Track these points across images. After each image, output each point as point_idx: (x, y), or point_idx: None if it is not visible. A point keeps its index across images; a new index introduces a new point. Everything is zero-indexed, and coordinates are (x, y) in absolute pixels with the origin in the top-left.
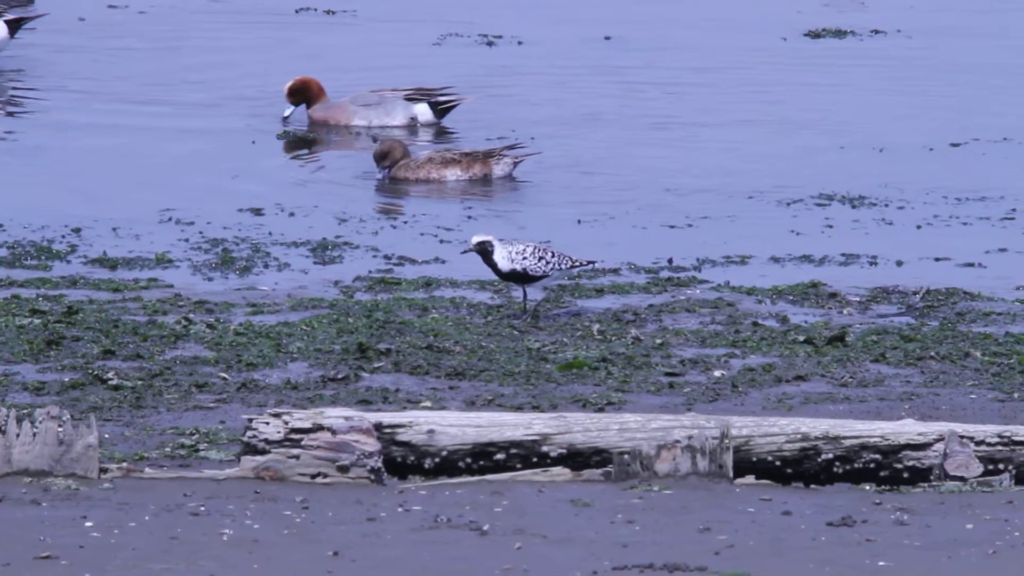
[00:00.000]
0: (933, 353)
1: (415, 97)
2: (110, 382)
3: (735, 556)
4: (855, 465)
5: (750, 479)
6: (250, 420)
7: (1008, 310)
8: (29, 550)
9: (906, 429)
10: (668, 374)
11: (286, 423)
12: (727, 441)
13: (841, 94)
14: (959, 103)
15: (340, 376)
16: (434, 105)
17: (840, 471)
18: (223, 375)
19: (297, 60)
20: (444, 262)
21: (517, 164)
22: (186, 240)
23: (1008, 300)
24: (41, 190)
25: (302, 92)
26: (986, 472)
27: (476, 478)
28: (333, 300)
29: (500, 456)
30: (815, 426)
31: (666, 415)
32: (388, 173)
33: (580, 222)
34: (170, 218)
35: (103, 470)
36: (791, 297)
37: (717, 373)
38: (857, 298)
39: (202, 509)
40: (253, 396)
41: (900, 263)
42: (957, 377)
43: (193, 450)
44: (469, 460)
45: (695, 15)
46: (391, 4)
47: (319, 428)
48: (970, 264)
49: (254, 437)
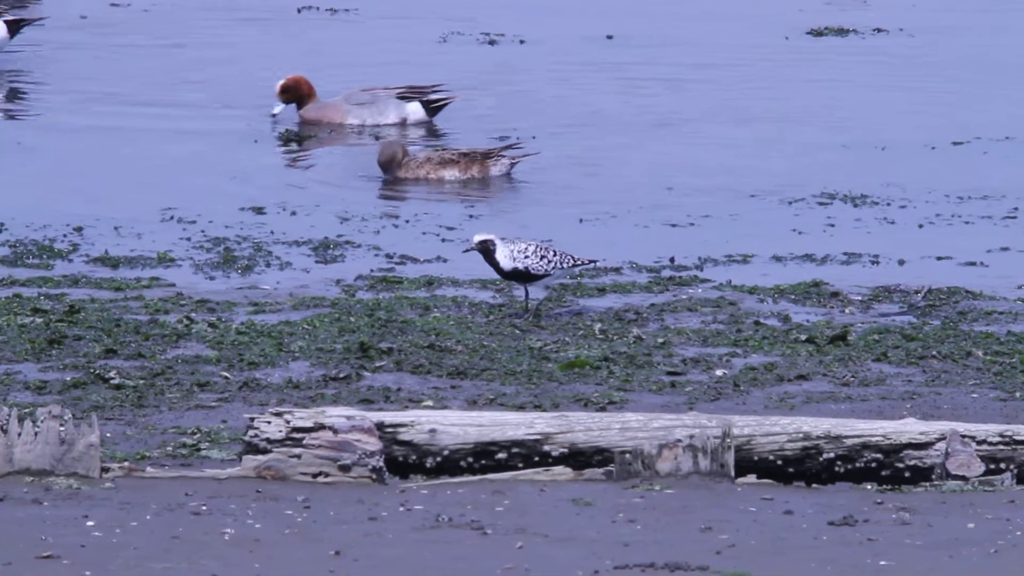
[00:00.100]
0: (935, 352)
1: (407, 95)
2: (112, 381)
3: (737, 555)
4: (857, 464)
5: (752, 478)
6: (252, 419)
7: (1010, 309)
8: (31, 549)
9: (908, 428)
10: (670, 373)
11: (288, 422)
12: (729, 440)
13: (843, 93)
14: (961, 101)
15: (342, 375)
16: (426, 104)
17: (842, 470)
18: (225, 374)
19: (299, 59)
20: (446, 261)
21: (514, 165)
22: (188, 239)
23: (1010, 299)
24: (42, 189)
25: (293, 91)
26: (988, 471)
27: (478, 477)
28: (335, 299)
29: (502, 455)
30: (817, 425)
31: (668, 414)
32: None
33: (582, 221)
34: (172, 217)
35: (105, 469)
36: (793, 296)
37: (719, 372)
38: (859, 297)
39: (204, 508)
40: (255, 395)
41: (902, 262)
42: (959, 376)
43: (195, 449)
44: (471, 459)
45: (697, 14)
46: (393, 3)
47: (321, 427)
48: (972, 263)
49: (256, 436)
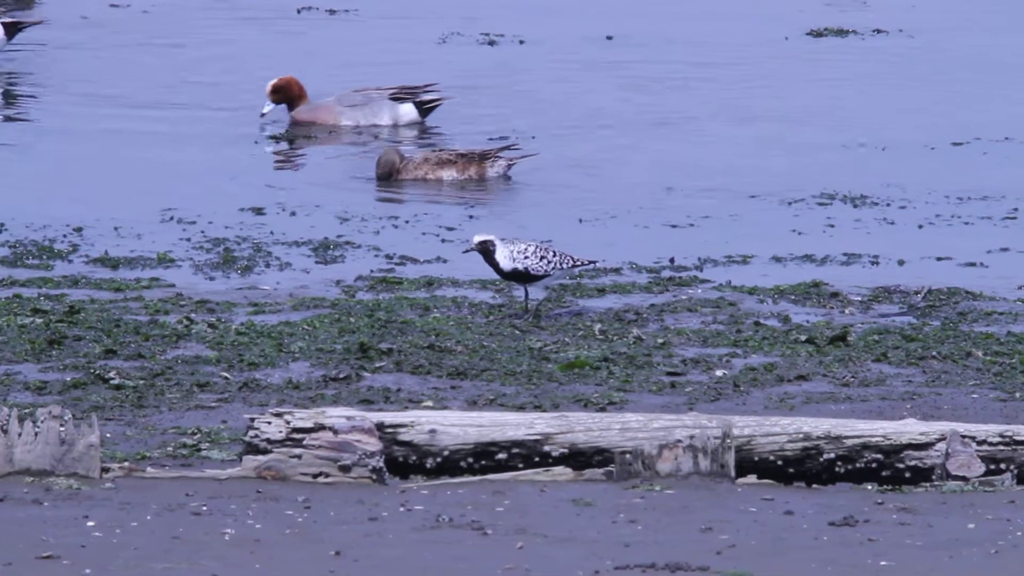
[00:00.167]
0: (935, 353)
1: (400, 96)
2: (112, 381)
3: (737, 556)
4: (857, 465)
5: (752, 479)
6: (252, 420)
7: (1010, 310)
8: (31, 550)
9: (908, 429)
10: (670, 374)
11: (288, 423)
12: (729, 441)
13: (843, 93)
14: (961, 102)
15: (342, 376)
16: (418, 104)
17: (842, 471)
18: (225, 375)
19: (299, 59)
20: (446, 261)
21: (511, 165)
22: (188, 240)
23: (1010, 300)
24: (42, 190)
25: (284, 91)
26: (988, 472)
27: (478, 478)
28: (335, 300)
29: (502, 456)
30: (817, 426)
31: (668, 415)
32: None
33: (581, 221)
34: (171, 217)
35: (105, 470)
36: (793, 297)
37: (719, 373)
38: (859, 297)
39: (204, 509)
40: (255, 396)
41: (902, 262)
42: (959, 377)
43: (195, 450)
44: (471, 460)
45: (697, 15)
46: (393, 3)
47: (321, 428)
48: (972, 264)
49: (256, 437)
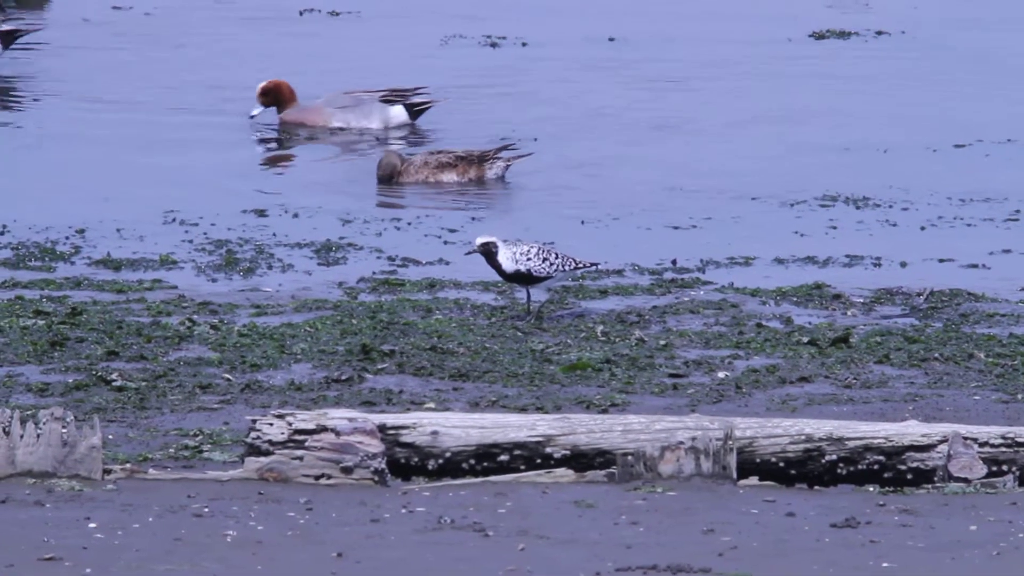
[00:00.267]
0: (937, 354)
1: (390, 99)
2: (114, 383)
3: (739, 557)
4: (859, 466)
5: (754, 480)
6: (254, 421)
7: (1012, 311)
8: (33, 551)
9: (910, 430)
10: (672, 375)
11: (290, 424)
12: (731, 442)
13: (845, 95)
14: (963, 104)
15: (344, 377)
16: (408, 107)
17: (844, 472)
18: (227, 376)
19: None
20: (448, 263)
21: (509, 167)
22: (190, 241)
23: (1012, 301)
24: (44, 191)
25: (273, 94)
26: (990, 473)
27: (480, 479)
28: (337, 301)
29: (504, 457)
30: (819, 427)
31: (670, 416)
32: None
33: (584, 223)
34: (174, 219)
35: (107, 471)
36: (795, 298)
37: (721, 374)
38: (861, 299)
39: (206, 510)
40: (257, 397)
41: (904, 264)
42: (961, 378)
43: (197, 451)
44: (473, 461)
45: (699, 16)
46: (395, 5)
47: (323, 429)
48: (974, 265)
49: (258, 438)
